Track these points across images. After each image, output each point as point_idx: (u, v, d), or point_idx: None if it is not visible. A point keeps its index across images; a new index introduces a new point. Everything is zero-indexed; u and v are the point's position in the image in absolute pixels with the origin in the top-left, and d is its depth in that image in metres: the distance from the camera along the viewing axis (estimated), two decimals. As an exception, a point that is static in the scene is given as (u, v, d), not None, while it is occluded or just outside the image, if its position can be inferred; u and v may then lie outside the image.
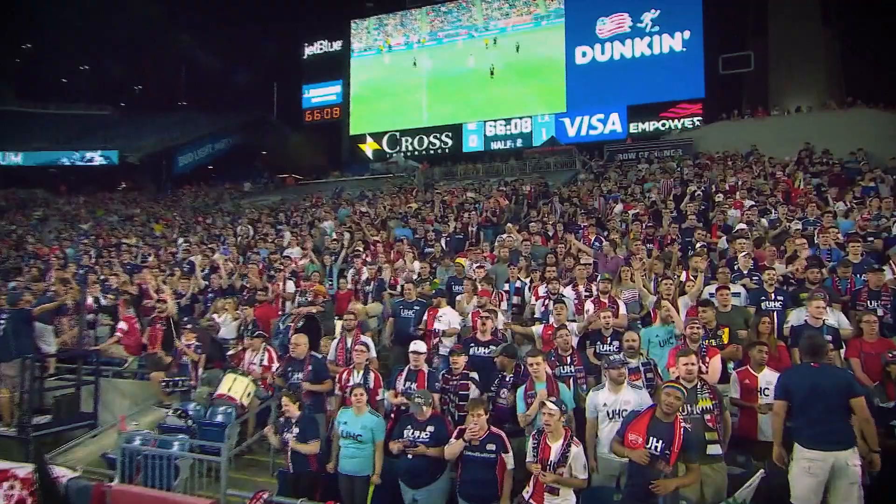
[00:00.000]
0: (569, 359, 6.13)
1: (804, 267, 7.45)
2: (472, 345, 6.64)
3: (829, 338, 5.80)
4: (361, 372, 6.45)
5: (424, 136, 35.34)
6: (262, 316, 9.14)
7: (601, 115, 31.44)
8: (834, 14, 26.86)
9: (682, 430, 4.39)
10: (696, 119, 27.77)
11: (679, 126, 27.83)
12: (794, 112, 22.10)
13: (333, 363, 7.13)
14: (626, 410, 4.96)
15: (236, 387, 7.37)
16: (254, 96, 40.56)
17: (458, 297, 8.37)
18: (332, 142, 37.83)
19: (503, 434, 5.06)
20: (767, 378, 5.48)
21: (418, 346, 6.29)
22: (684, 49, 29.09)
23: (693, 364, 4.98)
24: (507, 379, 5.92)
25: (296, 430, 5.67)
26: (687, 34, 29.00)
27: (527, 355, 5.71)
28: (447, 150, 34.37)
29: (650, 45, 30.04)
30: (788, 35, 26.25)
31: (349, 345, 7.00)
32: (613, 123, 31.10)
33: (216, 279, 10.83)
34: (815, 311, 6.03)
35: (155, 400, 8.08)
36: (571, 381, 6.01)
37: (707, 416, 4.84)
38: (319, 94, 38.32)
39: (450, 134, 34.82)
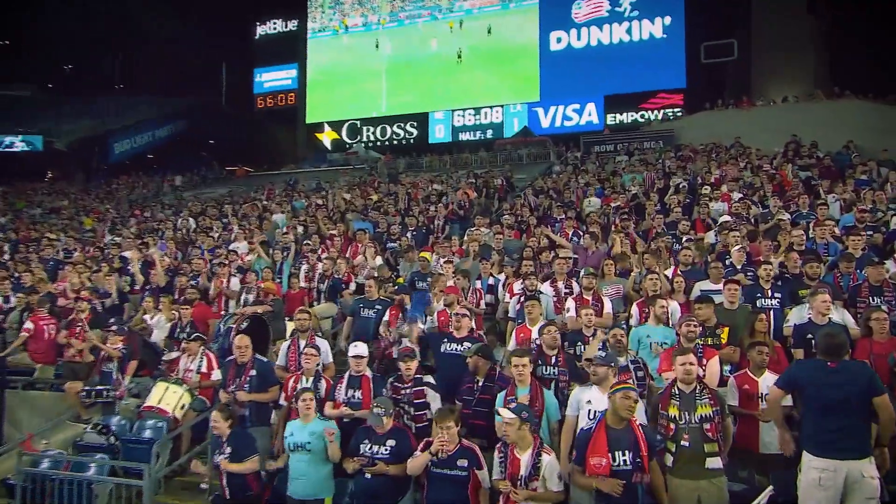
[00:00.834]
0: (553, 359, 5.85)
1: (802, 261, 7.32)
2: (445, 340, 6.33)
3: (835, 336, 5.60)
4: (311, 378, 6.09)
5: (387, 126, 35.06)
6: (200, 316, 8.72)
7: (577, 106, 31.56)
8: (820, 1, 27.40)
9: (640, 429, 4.29)
10: (676, 111, 28.02)
11: (659, 117, 28.01)
12: (781, 102, 22.40)
13: (284, 369, 6.78)
14: None
15: (169, 397, 6.89)
16: (200, 80, 39.36)
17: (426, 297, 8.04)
18: (287, 131, 37.16)
19: (476, 448, 4.72)
20: (769, 382, 5.21)
21: (359, 348, 5.95)
22: (665, 36, 29.35)
23: (692, 364, 4.75)
24: (480, 384, 5.60)
25: (228, 449, 5.21)
26: (668, 20, 29.26)
27: (512, 354, 5.39)
28: (412, 141, 34.14)
29: (629, 31, 30.23)
30: (773, 23, 26.64)
31: (302, 348, 6.58)
32: (590, 114, 31.26)
33: (151, 275, 10.24)
34: (822, 306, 5.84)
35: (72, 414, 7.45)
36: (553, 384, 5.73)
37: (706, 426, 4.57)
38: (273, 79, 37.65)
39: (415, 124, 34.61)
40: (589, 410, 4.87)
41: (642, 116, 29.52)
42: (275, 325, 8.14)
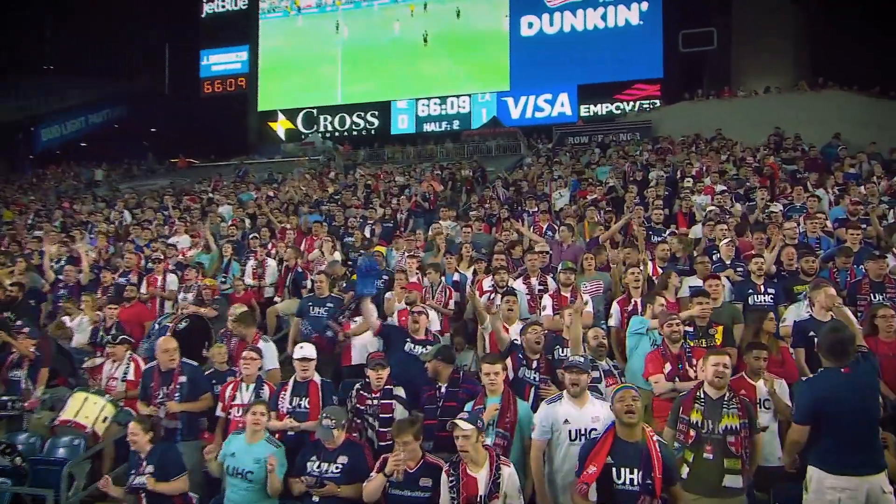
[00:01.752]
0: (535, 362, 5.53)
1: (797, 255, 7.21)
2: (408, 340, 6.02)
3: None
4: (252, 386, 5.65)
5: (346, 115, 34.63)
6: (132, 318, 8.23)
7: (549, 96, 31.54)
8: (803, -12, 27.76)
9: (657, 446, 3.86)
10: (653, 102, 28.16)
11: (635, 109, 28.13)
12: (763, 93, 22.64)
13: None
14: (594, 430, 4.35)
15: (88, 409, 6.32)
16: (140, 62, 38.13)
17: (387, 295, 7.75)
18: (237, 119, 36.23)
19: (443, 464, 4.33)
20: (767, 387, 5.05)
21: (306, 350, 5.53)
22: (641, 23, 29.48)
23: (726, 367, 4.42)
24: (442, 390, 5.26)
25: (149, 467, 4.74)
26: (644, 6, 29.41)
27: (483, 361, 5.04)
28: (373, 132, 33.76)
29: (604, 17, 30.29)
30: (754, 11, 26.86)
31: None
32: (562, 105, 31.27)
33: (71, 272, 9.63)
34: (827, 301, 5.63)
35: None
36: (532, 390, 5.41)
37: (731, 439, 4.27)
38: (221, 62, 36.64)
39: (376, 113, 34.23)
40: (569, 432, 4.45)
41: (618, 108, 29.59)
42: (218, 328, 7.70)
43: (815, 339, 5.48)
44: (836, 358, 4.08)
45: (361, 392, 5.37)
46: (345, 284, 8.40)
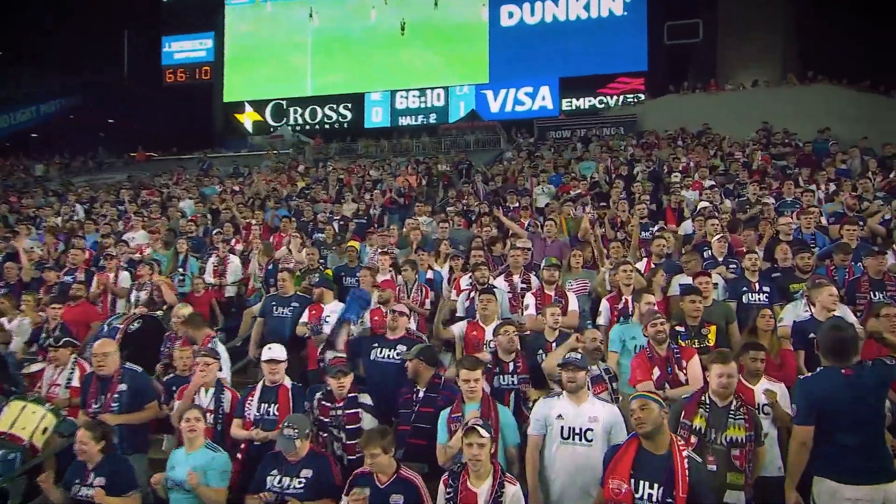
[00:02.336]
0: (511, 366, 5.33)
1: (792, 252, 7.11)
2: (375, 346, 5.75)
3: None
4: (210, 391, 5.38)
5: (318, 108, 34.37)
6: (77, 318, 7.85)
7: (529, 89, 31.57)
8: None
9: (685, 462, 3.62)
10: (637, 96, 28.29)
11: (619, 103, 28.24)
12: (751, 87, 22.79)
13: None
14: (590, 430, 4.25)
15: (25, 419, 5.87)
16: (98, 49, 37.14)
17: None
18: (201, 110, 35.63)
19: (417, 479, 4.12)
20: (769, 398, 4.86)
21: (275, 351, 5.29)
22: (625, 13, 29.64)
23: (731, 376, 4.31)
24: (420, 395, 5.04)
25: (99, 479, 4.45)
26: (629, -4, 29.48)
27: (460, 366, 4.81)
28: (346, 125, 33.53)
29: (587, 7, 30.41)
30: (741, 3, 26.96)
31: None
32: (543, 98, 31.34)
33: (12, 269, 9.27)
34: (828, 300, 5.52)
35: None
36: (512, 395, 5.23)
37: (735, 452, 4.13)
38: (185, 49, 35.95)
39: (349, 106, 34.04)
40: (562, 428, 4.33)
41: (601, 102, 29.72)
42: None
43: (816, 341, 5.42)
44: (837, 358, 3.94)
45: (324, 402, 5.12)
46: (317, 278, 8.06)
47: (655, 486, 3.57)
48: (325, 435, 5.02)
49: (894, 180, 11.01)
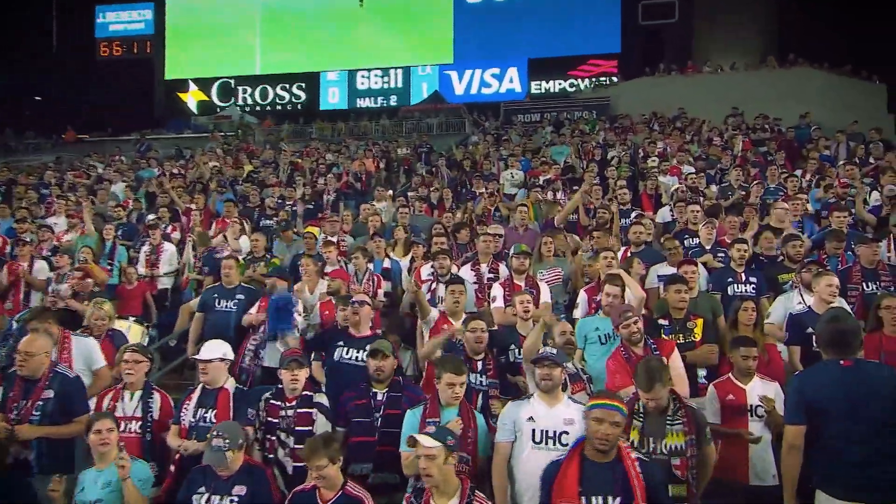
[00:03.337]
0: (479, 365, 5.08)
1: (782, 240, 7.01)
2: (340, 344, 5.37)
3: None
4: (138, 394, 4.97)
5: (269, 87, 33.96)
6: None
7: (496, 70, 31.52)
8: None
9: (636, 465, 3.54)
10: (610, 79, 28.30)
11: (590, 86, 28.28)
12: (729, 69, 22.98)
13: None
14: (565, 434, 4.04)
15: None
16: (21, 18, 35.77)
17: (296, 286, 7.16)
18: (140, 88, 34.67)
19: (366, 498, 3.80)
20: (759, 391, 4.75)
21: (213, 349, 4.94)
22: (598, -9, 29.53)
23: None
24: (379, 397, 4.73)
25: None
26: (601, -28, 29.48)
27: (443, 369, 4.49)
28: (300, 106, 33.19)
29: (558, -17, 30.21)
30: (717, -18, 27.24)
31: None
32: (511, 80, 31.32)
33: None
34: (827, 290, 5.38)
35: None
36: (480, 397, 4.97)
37: (675, 461, 3.92)
38: (121, 20, 34.99)
39: (303, 86, 33.69)
40: (533, 431, 4.09)
41: (571, 85, 29.76)
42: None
43: (814, 335, 5.23)
44: (837, 350, 3.73)
45: (272, 401, 4.77)
46: (263, 267, 7.92)
47: (610, 499, 3.45)
48: (273, 439, 4.66)
49: (879, 166, 11.07)
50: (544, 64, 30.30)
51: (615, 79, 27.59)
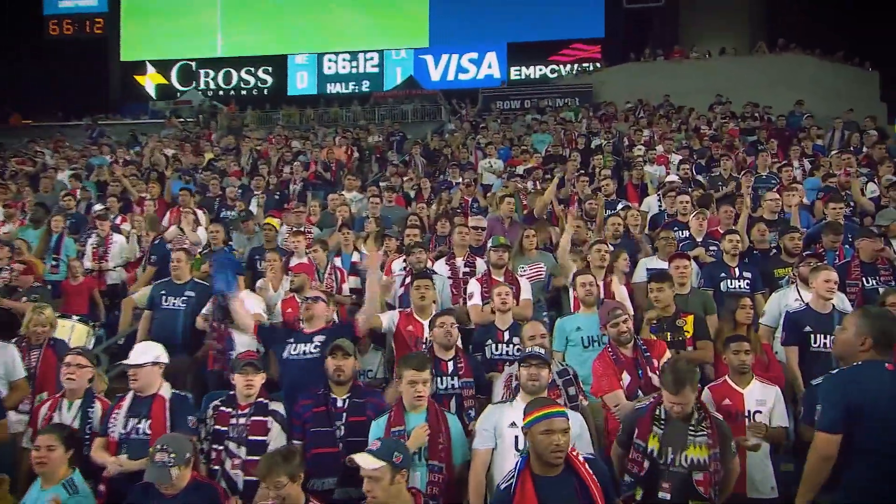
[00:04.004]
0: (450, 365, 4.83)
1: (779, 232, 7.02)
2: (291, 341, 5.12)
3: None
4: (77, 403, 4.77)
5: (234, 71, 33.43)
6: None
7: (474, 55, 31.36)
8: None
9: (587, 467, 3.42)
10: (593, 64, 28.24)
11: (572, 72, 28.27)
12: (718, 55, 23.08)
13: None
14: None
15: None
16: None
17: (258, 284, 7.13)
18: (95, 70, 33.95)
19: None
20: (758, 395, 4.61)
21: (143, 352, 4.68)
22: (581, -27, 29.45)
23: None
24: (339, 403, 4.50)
25: None
26: (584, -47, 29.41)
27: (403, 365, 4.29)
28: (266, 92, 32.80)
29: (539, -34, 30.12)
30: (705, -36, 27.28)
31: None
32: (490, 66, 31.19)
33: None
34: (825, 286, 5.26)
35: None
36: (453, 401, 4.76)
37: (697, 476, 3.71)
38: (72, -2, 34.28)
39: (269, 69, 33.29)
40: (516, 438, 3.96)
41: (553, 71, 29.69)
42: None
43: (812, 335, 5.13)
44: (883, 350, 3.41)
45: (223, 408, 4.53)
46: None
47: None
48: (220, 449, 4.42)
49: (869, 154, 11.11)
50: (524, 49, 30.20)
51: (598, 65, 27.54)
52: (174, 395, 4.64)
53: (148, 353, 4.67)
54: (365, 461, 3.37)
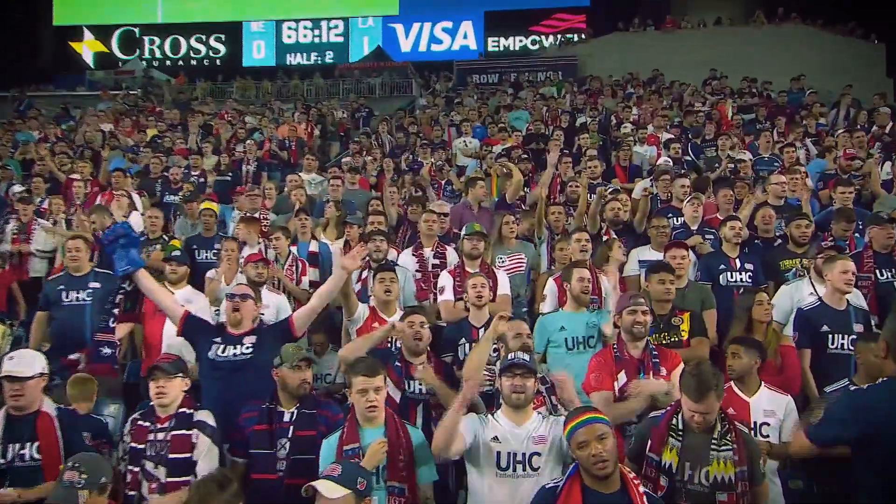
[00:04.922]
0: (420, 369, 4.68)
1: (785, 219, 6.81)
2: (218, 340, 4.83)
3: (860, 326, 4.99)
4: None
5: (182, 38, 33.65)
6: None
7: (448, 24, 31.80)
8: None
9: (644, 499, 3.28)
10: (578, 35, 28.32)
11: (556, 43, 28.46)
12: (713, 25, 23.29)
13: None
14: (536, 455, 3.78)
15: None
16: None
17: (208, 274, 6.96)
18: (23, 34, 33.56)
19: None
20: (766, 405, 4.39)
21: (28, 362, 4.25)
22: (564, -65, 29.78)
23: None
24: (286, 417, 4.27)
25: None
26: (569, -88, 29.80)
27: (353, 372, 4.03)
28: (219, 62, 33.06)
29: (519, -73, 30.51)
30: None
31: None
32: (465, 36, 31.64)
33: None
34: (842, 279, 5.08)
35: None
36: (420, 408, 4.63)
37: (721, 497, 3.51)
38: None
39: (222, 38, 33.54)
40: (498, 455, 3.79)
41: (533, 42, 30.06)
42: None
43: (830, 335, 5.03)
44: None
45: (141, 422, 4.20)
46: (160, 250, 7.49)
47: None
48: (136, 470, 4.10)
49: (880, 134, 11.11)
50: (503, 18, 30.66)
51: (583, 35, 27.68)
52: (60, 410, 4.31)
53: (34, 363, 4.27)
54: (327, 489, 3.19)
